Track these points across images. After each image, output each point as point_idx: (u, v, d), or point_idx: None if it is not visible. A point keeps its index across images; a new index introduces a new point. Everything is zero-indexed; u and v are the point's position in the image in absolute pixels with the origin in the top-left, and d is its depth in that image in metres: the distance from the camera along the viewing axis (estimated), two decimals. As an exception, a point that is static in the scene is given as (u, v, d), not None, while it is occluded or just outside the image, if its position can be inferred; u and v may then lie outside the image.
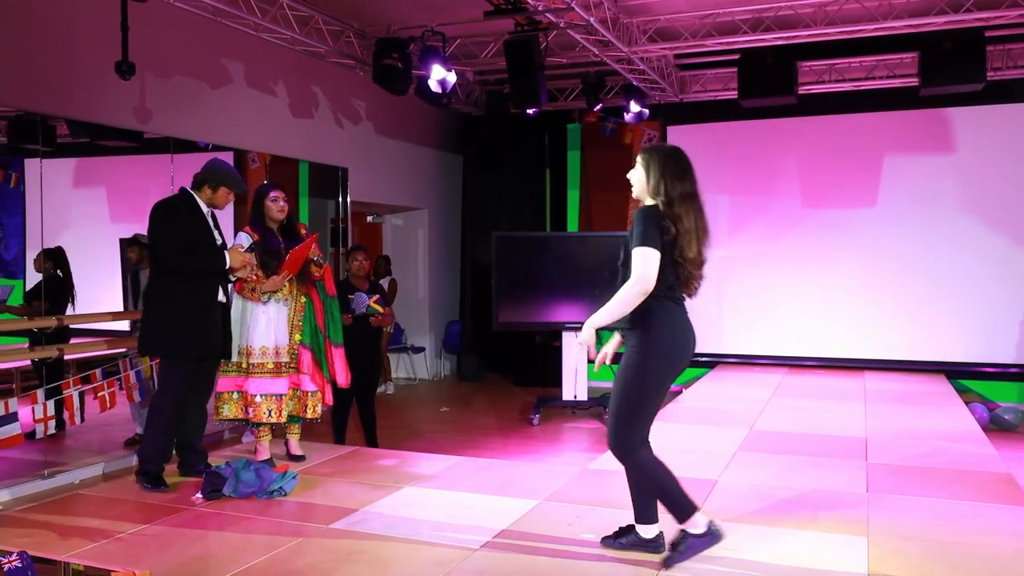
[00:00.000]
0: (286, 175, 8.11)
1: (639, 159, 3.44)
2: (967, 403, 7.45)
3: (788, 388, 7.99)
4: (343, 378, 5.03)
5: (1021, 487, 4.65)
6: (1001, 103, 8.53)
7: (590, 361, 3.44)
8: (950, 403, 7.29)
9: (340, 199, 8.62)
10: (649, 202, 3.34)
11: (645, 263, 3.19)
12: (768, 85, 7.95)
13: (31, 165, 6.31)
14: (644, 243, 3.19)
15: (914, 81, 7.90)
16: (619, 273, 3.38)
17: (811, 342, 9.30)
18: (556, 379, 8.24)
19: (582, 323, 7.92)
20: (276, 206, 4.88)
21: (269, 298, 4.78)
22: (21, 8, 5.44)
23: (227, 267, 4.55)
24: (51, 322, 5.77)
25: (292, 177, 8.28)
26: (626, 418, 3.34)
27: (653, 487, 3.38)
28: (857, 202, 9.17)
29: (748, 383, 8.24)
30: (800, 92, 8.34)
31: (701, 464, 5.04)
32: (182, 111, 6.59)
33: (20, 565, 3.47)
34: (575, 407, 8.15)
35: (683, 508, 3.34)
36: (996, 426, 7.72)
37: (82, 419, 5.72)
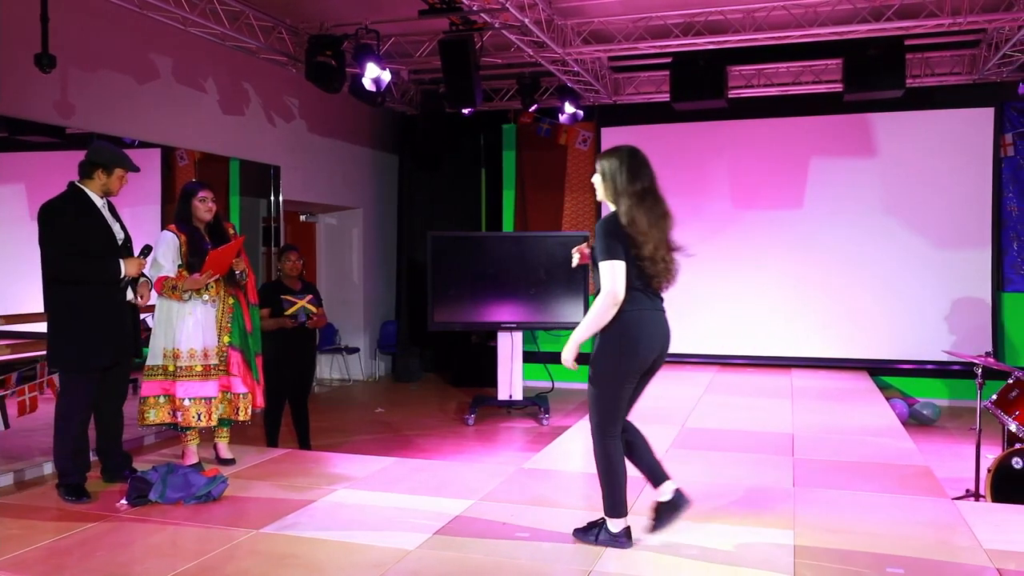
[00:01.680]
0: (216, 173, 7.94)
1: (596, 165, 3.57)
2: (888, 399, 7.72)
3: (718, 386, 8.16)
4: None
5: (938, 479, 4.84)
6: (920, 109, 8.86)
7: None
8: (872, 399, 7.54)
9: (272, 198, 8.48)
10: (611, 208, 3.49)
11: (612, 276, 3.37)
12: (699, 88, 8.10)
13: (-55, 160, 6.05)
14: (608, 256, 3.37)
15: (838, 87, 8.15)
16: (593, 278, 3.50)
17: (741, 341, 9.51)
18: (492, 379, 8.25)
19: (517, 323, 7.99)
20: (204, 206, 4.75)
21: (190, 296, 4.63)
22: (-67, -4, 5.21)
23: (122, 275, 4.31)
24: (-34, 324, 5.55)
25: (222, 175, 8.11)
26: (597, 404, 3.56)
27: (606, 476, 3.56)
28: (785, 204, 9.41)
29: (679, 381, 8.38)
30: (730, 96, 8.53)
31: (634, 461, 5.10)
32: (107, 106, 6.39)
33: (-68, 578, 3.33)
34: (510, 407, 8.18)
35: (615, 506, 3.57)
36: (915, 421, 8.01)
37: (6, 425, 5.51)
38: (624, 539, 3.60)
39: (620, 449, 3.55)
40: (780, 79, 8.90)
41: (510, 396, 8.03)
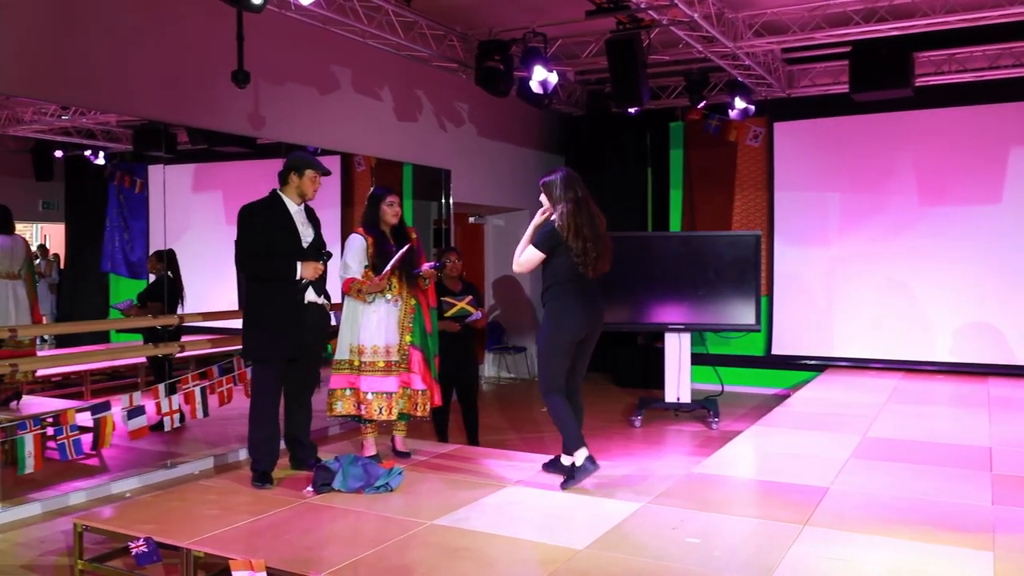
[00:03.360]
0: (390, 177, 8.31)
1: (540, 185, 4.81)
2: (1104, 412, 6.96)
3: (904, 393, 7.66)
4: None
5: None
6: None
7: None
8: (1084, 412, 6.83)
9: (443, 200, 8.76)
10: (553, 217, 4.60)
11: (528, 255, 4.63)
12: (882, 78, 7.62)
13: (154, 171, 6.67)
14: (534, 243, 4.62)
15: (1044, 69, 7.45)
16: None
17: (929, 346, 8.88)
18: (658, 380, 8.15)
19: (685, 324, 7.87)
20: (391, 210, 5.01)
21: (373, 299, 4.89)
22: (145, 24, 5.74)
23: (297, 276, 4.57)
24: (174, 320, 6.09)
25: (396, 179, 8.47)
26: (541, 369, 4.62)
27: (557, 422, 4.57)
28: (980, 198, 8.71)
29: (860, 388, 7.94)
30: (917, 84, 7.97)
31: (811, 471, 4.88)
32: (293, 117, 6.83)
33: (146, 550, 3.67)
34: (678, 409, 8.04)
35: (571, 442, 4.53)
36: None
37: (206, 413, 6.01)
38: (590, 464, 4.52)
39: (562, 400, 4.55)
40: (974, 64, 8.24)
41: (678, 398, 7.90)
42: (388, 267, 4.80)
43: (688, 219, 10.11)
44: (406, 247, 4.90)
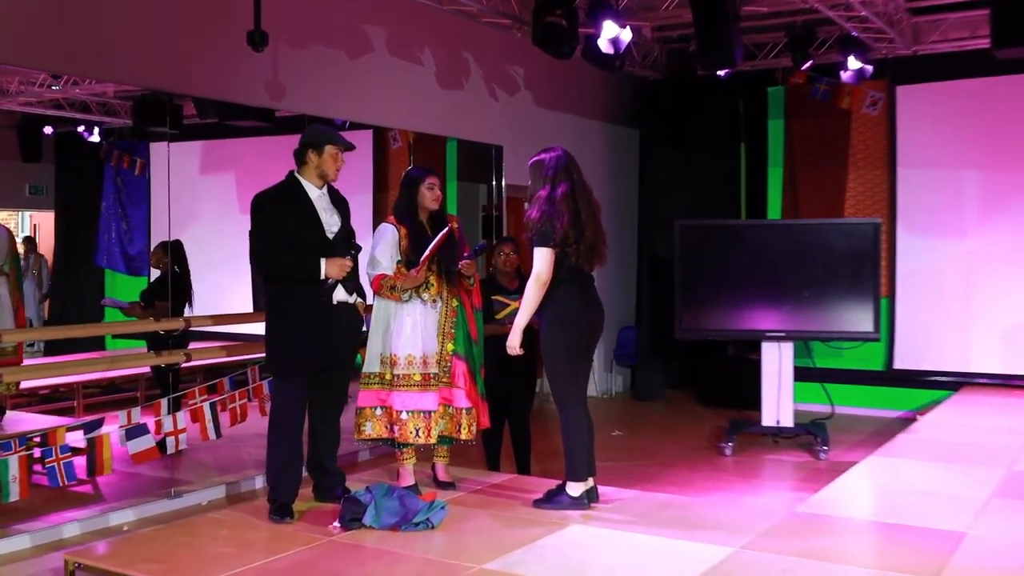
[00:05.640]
0: (432, 155, 8.37)
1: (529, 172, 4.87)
2: None
3: (1059, 418, 7.46)
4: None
5: None
6: None
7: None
8: None
9: (493, 182, 8.79)
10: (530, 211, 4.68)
11: (540, 261, 4.57)
12: (1032, 30, 7.44)
13: (157, 149, 6.82)
14: (538, 244, 4.58)
15: None
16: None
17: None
18: (753, 400, 8.06)
19: (787, 332, 7.77)
20: (432, 194, 5.01)
21: (410, 296, 4.90)
22: (148, -25, 5.86)
23: (322, 276, 4.58)
24: (179, 324, 6.20)
25: (439, 157, 8.53)
26: (555, 379, 4.71)
27: (571, 444, 4.68)
28: None
29: (1005, 410, 7.76)
30: (1077, 37, 7.76)
31: (944, 512, 4.78)
32: (318, 86, 6.91)
33: (148, 593, 3.75)
34: (778, 435, 7.95)
35: (576, 471, 4.71)
36: None
37: (218, 434, 6.10)
38: (584, 501, 4.71)
39: (585, 418, 4.71)
40: None
41: (777, 422, 7.80)
42: (425, 254, 4.80)
43: (790, 204, 9.99)
44: (444, 230, 4.90)
